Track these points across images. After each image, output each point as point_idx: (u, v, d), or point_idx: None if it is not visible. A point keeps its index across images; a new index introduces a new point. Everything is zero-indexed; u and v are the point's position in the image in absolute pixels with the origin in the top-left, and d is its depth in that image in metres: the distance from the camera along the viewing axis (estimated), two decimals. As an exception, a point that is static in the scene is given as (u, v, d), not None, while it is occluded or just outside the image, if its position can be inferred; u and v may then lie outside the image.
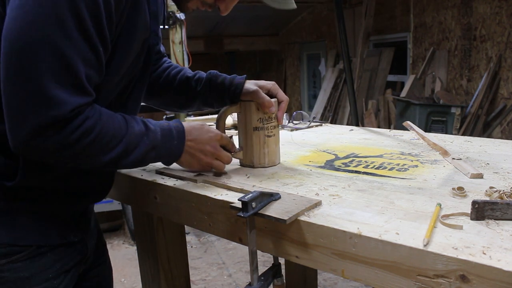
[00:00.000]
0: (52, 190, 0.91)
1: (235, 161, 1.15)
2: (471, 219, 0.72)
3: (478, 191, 0.87)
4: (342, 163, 1.13)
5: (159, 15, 0.98)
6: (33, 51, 0.72)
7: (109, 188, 1.06)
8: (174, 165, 1.06)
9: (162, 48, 1.24)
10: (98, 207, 3.38)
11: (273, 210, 0.79)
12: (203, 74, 1.21)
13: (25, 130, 0.74)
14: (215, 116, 1.85)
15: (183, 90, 1.20)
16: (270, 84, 1.14)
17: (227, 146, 1.06)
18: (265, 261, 2.56)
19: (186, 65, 3.70)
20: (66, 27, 0.73)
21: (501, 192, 0.80)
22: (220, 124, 1.10)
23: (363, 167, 1.08)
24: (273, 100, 1.10)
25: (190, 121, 1.85)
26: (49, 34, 0.72)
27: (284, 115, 1.78)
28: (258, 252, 0.83)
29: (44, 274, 0.92)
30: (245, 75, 1.17)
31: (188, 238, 3.46)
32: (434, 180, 0.96)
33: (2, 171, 0.85)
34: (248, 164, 1.13)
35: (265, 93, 1.11)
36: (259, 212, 0.79)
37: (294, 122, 1.79)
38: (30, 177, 0.86)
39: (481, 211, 0.72)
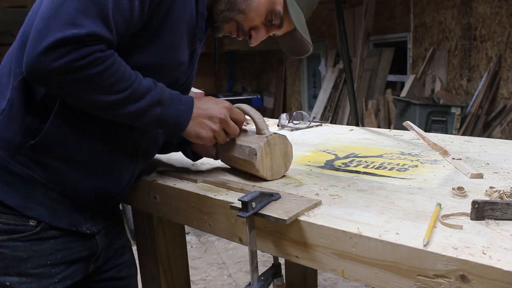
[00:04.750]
0: (72, 165, 0.91)
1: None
2: (471, 219, 0.72)
3: (478, 191, 0.87)
4: (342, 163, 1.13)
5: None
6: None
7: (129, 182, 1.03)
8: (175, 163, 1.06)
9: None
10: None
11: (273, 210, 0.79)
12: None
13: (43, 43, 0.76)
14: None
15: None
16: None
17: (238, 121, 1.01)
18: (265, 261, 2.56)
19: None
20: None
21: (501, 192, 0.80)
22: None
23: (363, 167, 1.08)
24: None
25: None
26: None
27: (284, 114, 1.78)
28: (258, 252, 0.83)
29: (42, 260, 0.92)
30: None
31: (188, 238, 3.45)
32: (434, 180, 0.96)
33: (26, 129, 0.86)
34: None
35: None
36: (259, 212, 0.79)
37: (294, 122, 1.79)
38: (52, 136, 0.87)
39: (481, 211, 0.72)
